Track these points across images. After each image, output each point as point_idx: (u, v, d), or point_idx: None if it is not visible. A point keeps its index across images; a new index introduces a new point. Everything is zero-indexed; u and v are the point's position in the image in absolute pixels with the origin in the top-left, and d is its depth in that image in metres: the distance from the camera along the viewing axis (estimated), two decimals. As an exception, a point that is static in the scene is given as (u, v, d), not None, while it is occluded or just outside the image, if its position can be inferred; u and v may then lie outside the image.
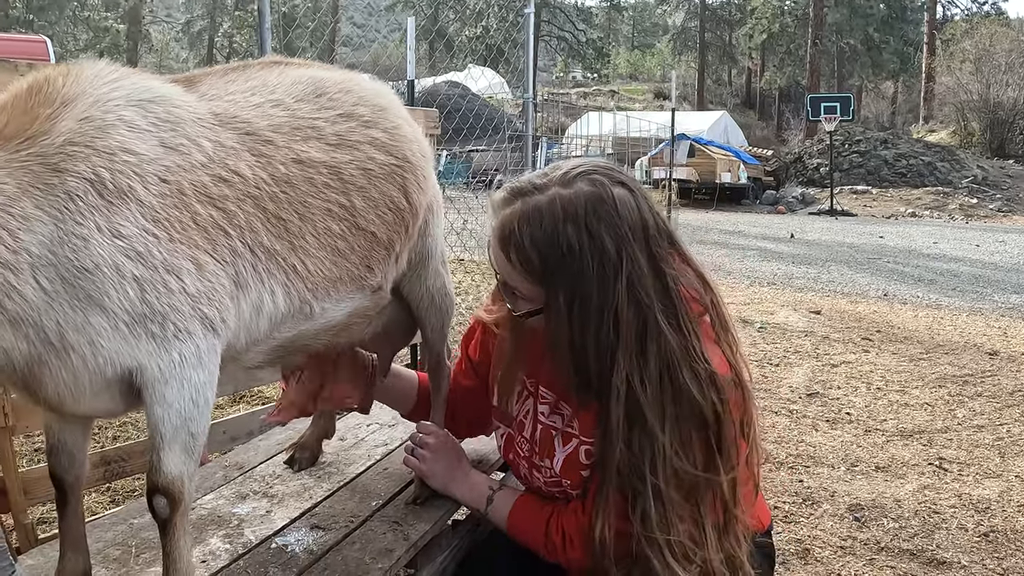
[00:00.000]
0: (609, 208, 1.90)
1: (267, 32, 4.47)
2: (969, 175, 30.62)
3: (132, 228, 1.63)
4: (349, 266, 2.08)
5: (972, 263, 15.51)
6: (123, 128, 1.69)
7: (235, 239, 1.81)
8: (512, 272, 1.98)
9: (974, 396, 6.67)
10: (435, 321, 2.55)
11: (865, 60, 53.52)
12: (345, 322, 2.18)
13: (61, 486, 1.95)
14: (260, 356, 2.06)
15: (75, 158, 1.61)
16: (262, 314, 1.90)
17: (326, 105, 2.12)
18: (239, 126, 1.91)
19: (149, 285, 1.64)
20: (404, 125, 2.28)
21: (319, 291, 2.01)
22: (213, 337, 1.75)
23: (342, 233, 2.05)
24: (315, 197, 1.99)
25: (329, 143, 2.06)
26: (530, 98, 7.48)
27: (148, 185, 1.67)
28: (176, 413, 1.71)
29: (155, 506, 1.76)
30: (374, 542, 2.22)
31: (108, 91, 1.72)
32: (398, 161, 2.19)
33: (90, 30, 47.99)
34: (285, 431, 3.06)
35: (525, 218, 1.93)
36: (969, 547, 4.09)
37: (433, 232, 2.45)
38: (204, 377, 1.74)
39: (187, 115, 1.82)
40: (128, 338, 1.64)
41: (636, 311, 1.89)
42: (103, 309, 1.61)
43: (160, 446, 1.72)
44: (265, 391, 5.88)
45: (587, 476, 2.14)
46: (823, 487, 4.76)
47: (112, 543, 2.20)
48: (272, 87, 2.07)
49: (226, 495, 2.51)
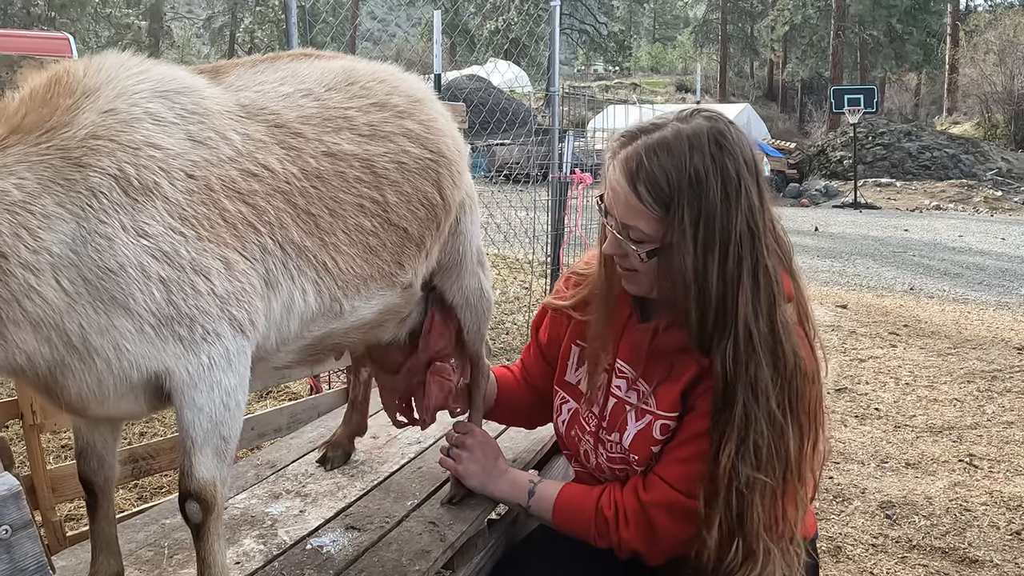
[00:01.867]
0: (729, 139, 1.98)
1: (293, 27, 4.45)
2: (994, 167, 30.34)
3: (158, 227, 1.59)
4: (380, 263, 2.04)
5: (998, 256, 15.36)
6: (149, 121, 1.64)
7: (265, 236, 1.77)
8: (638, 208, 1.98)
9: (1003, 391, 6.61)
10: (471, 322, 2.51)
11: (888, 52, 53.09)
12: (375, 320, 2.15)
13: (91, 489, 1.94)
14: (290, 356, 2.03)
15: (99, 152, 1.56)
16: (293, 313, 1.87)
17: (358, 94, 2.07)
18: (268, 118, 1.87)
19: (176, 286, 1.60)
20: (440, 118, 2.24)
21: (349, 289, 1.97)
22: (243, 339, 1.72)
23: (374, 229, 2.01)
24: (347, 192, 1.95)
25: (361, 134, 2.01)
26: (556, 91, 7.44)
27: (175, 181, 1.63)
28: (207, 417, 1.68)
29: (187, 511, 1.74)
30: (410, 543, 2.21)
31: (134, 83, 1.68)
32: (433, 155, 2.14)
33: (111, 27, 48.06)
34: (316, 428, 3.05)
35: (652, 149, 1.96)
36: (1001, 545, 4.05)
37: (467, 230, 2.40)
38: (235, 380, 1.71)
39: (215, 107, 1.77)
40: (154, 341, 1.60)
41: (751, 240, 1.95)
42: (128, 311, 1.57)
43: (191, 451, 1.69)
44: (292, 387, 5.88)
45: (656, 452, 2.16)
46: (853, 484, 4.73)
47: (144, 544, 2.20)
48: (302, 77, 2.02)
49: (259, 494, 2.50)
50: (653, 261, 2.01)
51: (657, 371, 2.17)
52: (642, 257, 2.01)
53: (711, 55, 64.64)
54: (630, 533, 2.10)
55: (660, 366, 2.16)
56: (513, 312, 8.81)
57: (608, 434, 2.25)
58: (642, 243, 2.00)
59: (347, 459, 2.73)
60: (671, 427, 2.13)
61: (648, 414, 2.16)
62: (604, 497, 2.17)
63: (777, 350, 1.97)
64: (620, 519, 2.11)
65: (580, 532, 2.20)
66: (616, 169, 2.01)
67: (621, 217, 2.01)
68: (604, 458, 2.27)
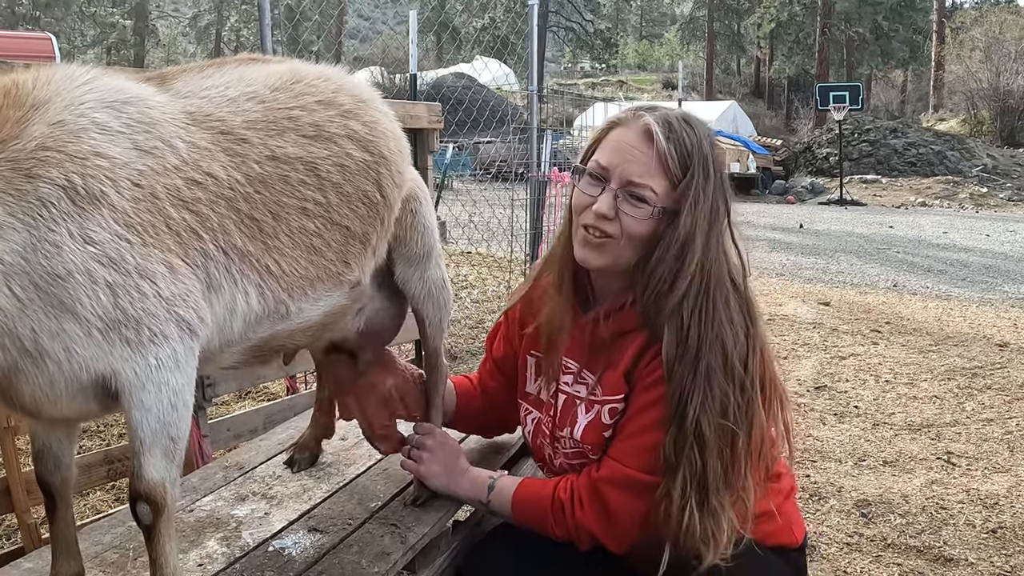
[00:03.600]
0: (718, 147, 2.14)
1: (267, 28, 4.45)
2: (979, 164, 30.46)
3: (104, 234, 1.61)
4: (326, 263, 2.06)
5: (982, 253, 15.43)
6: (95, 132, 1.66)
7: (207, 242, 1.78)
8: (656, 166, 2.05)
9: (983, 389, 6.63)
10: (433, 315, 2.53)
11: (874, 49, 53.26)
12: (322, 321, 2.16)
13: (49, 491, 1.94)
14: (235, 357, 2.04)
15: (48, 164, 1.58)
16: (236, 315, 1.88)
17: (304, 91, 2.08)
18: (213, 124, 1.88)
19: (122, 290, 1.61)
20: (383, 119, 2.25)
21: (295, 291, 1.99)
22: (191, 339, 1.72)
23: (317, 230, 2.02)
24: (290, 196, 1.96)
25: (306, 135, 2.02)
26: (535, 90, 7.45)
27: (121, 190, 1.65)
28: (155, 418, 1.67)
29: (138, 513, 1.73)
30: (371, 545, 2.20)
31: (81, 94, 1.70)
32: (374, 157, 2.16)
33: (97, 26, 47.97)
34: (286, 430, 3.04)
35: (683, 120, 2.10)
36: (977, 544, 4.07)
37: (425, 223, 2.43)
38: (182, 380, 1.71)
39: (161, 116, 1.79)
40: (102, 344, 1.61)
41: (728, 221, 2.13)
42: (76, 316, 1.58)
43: (140, 452, 1.69)
44: (271, 387, 5.87)
45: (608, 437, 2.18)
46: (830, 482, 4.74)
47: (110, 546, 2.19)
48: (248, 80, 2.03)
49: (225, 496, 2.49)
50: (650, 223, 2.06)
51: (599, 360, 2.20)
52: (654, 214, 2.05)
53: (698, 52, 64.76)
54: (584, 514, 2.11)
55: (601, 354, 2.20)
56: (493, 311, 8.79)
57: (560, 430, 2.27)
58: (645, 202, 2.05)
59: (314, 461, 2.72)
60: (619, 409, 2.15)
61: (596, 403, 2.19)
62: (561, 483, 2.19)
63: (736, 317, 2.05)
64: (576, 501, 2.13)
65: (538, 523, 2.21)
66: (637, 128, 2.09)
67: (633, 176, 2.05)
68: (562, 456, 2.29)
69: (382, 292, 2.45)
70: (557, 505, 2.16)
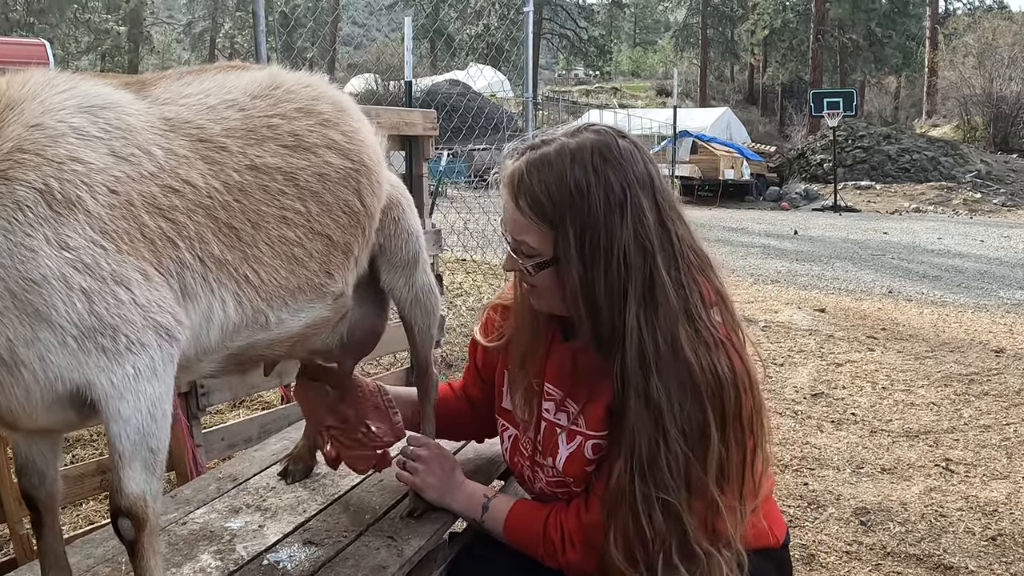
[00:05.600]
0: (615, 153, 1.97)
1: (262, 34, 4.43)
2: (973, 170, 30.56)
3: (80, 239, 1.58)
4: (308, 274, 2.03)
5: (977, 259, 15.46)
6: (73, 136, 1.64)
7: (183, 250, 1.76)
8: (522, 222, 2.00)
9: (980, 395, 6.62)
10: (422, 321, 2.52)
11: (867, 55, 53.40)
12: (303, 333, 2.13)
13: (34, 505, 1.91)
14: (212, 365, 2.00)
15: (25, 166, 1.56)
16: (212, 324, 1.85)
17: (283, 98, 2.06)
18: (192, 132, 1.86)
19: (98, 296, 1.58)
20: (362, 128, 2.24)
21: (274, 300, 1.96)
22: (169, 346, 1.69)
23: (298, 240, 2.00)
24: (269, 204, 1.94)
25: (285, 144, 2.00)
26: (530, 97, 7.43)
27: (96, 196, 1.62)
28: (134, 429, 1.63)
29: (120, 528, 1.69)
30: (367, 558, 2.18)
31: (60, 98, 1.68)
32: (355, 165, 2.14)
33: (91, 32, 47.96)
34: (280, 440, 3.01)
35: (534, 165, 1.99)
36: (976, 551, 4.04)
37: (409, 228, 2.41)
38: (160, 389, 1.67)
39: (139, 123, 1.77)
40: (77, 353, 1.58)
41: (642, 257, 1.93)
42: (51, 323, 1.55)
43: (120, 465, 1.65)
44: (265, 395, 5.84)
45: (591, 471, 2.14)
46: (828, 490, 4.71)
47: (102, 560, 2.16)
48: (228, 88, 2.01)
49: (219, 509, 2.46)
50: (547, 275, 2.02)
51: (582, 390, 2.15)
52: (530, 271, 2.03)
53: (691, 59, 64.95)
54: (576, 555, 2.09)
55: (584, 384, 2.15)
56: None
57: (543, 458, 2.23)
58: (531, 257, 2.01)
59: (309, 473, 2.69)
60: (602, 446, 2.11)
61: (579, 435, 2.14)
62: (551, 518, 2.15)
63: (681, 367, 1.92)
64: (567, 542, 2.10)
65: (529, 551, 2.19)
66: (502, 185, 2.06)
67: (511, 232, 2.05)
68: (544, 483, 2.26)
69: (364, 303, 2.43)
70: (548, 543, 2.13)
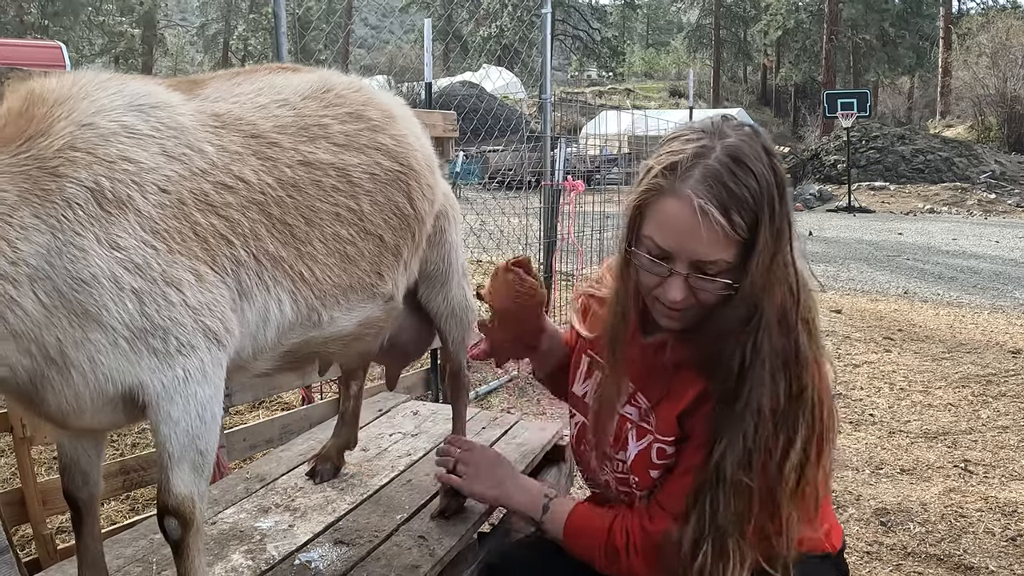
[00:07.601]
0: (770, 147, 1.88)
1: (283, 36, 4.44)
2: (987, 170, 30.39)
3: (130, 239, 1.59)
4: (359, 273, 2.04)
5: (992, 260, 15.37)
6: (124, 135, 1.65)
7: (238, 248, 1.77)
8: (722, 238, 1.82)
9: (998, 396, 6.60)
10: (456, 334, 2.53)
11: (881, 55, 53.14)
12: (355, 332, 2.14)
13: (76, 505, 1.93)
14: (267, 364, 2.02)
15: (76, 164, 1.57)
16: (269, 323, 1.87)
17: (333, 102, 2.08)
18: (244, 128, 1.87)
19: (148, 298, 1.60)
20: (410, 134, 2.25)
21: (328, 299, 1.98)
22: (218, 350, 1.71)
23: (351, 238, 2.01)
24: (323, 201, 1.95)
25: (337, 143, 2.02)
26: (547, 98, 7.43)
27: (147, 195, 1.64)
28: (183, 431, 1.66)
29: (166, 527, 1.72)
30: (399, 558, 2.19)
31: (111, 97, 1.69)
32: (403, 168, 2.15)
33: (105, 35, 47.98)
34: (307, 441, 3.02)
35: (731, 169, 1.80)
36: (996, 552, 4.04)
37: (453, 240, 2.42)
38: (210, 392, 1.70)
39: (189, 122, 1.78)
40: (128, 355, 1.60)
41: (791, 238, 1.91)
42: (101, 324, 1.57)
43: (168, 466, 1.68)
44: (285, 396, 5.86)
45: (656, 478, 2.09)
46: (848, 491, 4.71)
47: (132, 559, 2.18)
48: (279, 88, 2.04)
49: (248, 509, 2.48)
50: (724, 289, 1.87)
51: (656, 387, 2.08)
52: (729, 288, 1.87)
53: (704, 60, 64.72)
54: (638, 561, 2.05)
55: (660, 382, 2.07)
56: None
57: (615, 451, 2.17)
58: (721, 274, 1.86)
59: (337, 472, 2.71)
60: (667, 452, 2.06)
61: (648, 434, 2.09)
62: (616, 523, 2.10)
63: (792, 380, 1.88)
64: (631, 547, 2.06)
65: (587, 554, 2.14)
66: (688, 206, 1.80)
67: (699, 256, 1.85)
68: (611, 475, 2.21)
69: (413, 313, 2.44)
70: (611, 548, 2.08)
